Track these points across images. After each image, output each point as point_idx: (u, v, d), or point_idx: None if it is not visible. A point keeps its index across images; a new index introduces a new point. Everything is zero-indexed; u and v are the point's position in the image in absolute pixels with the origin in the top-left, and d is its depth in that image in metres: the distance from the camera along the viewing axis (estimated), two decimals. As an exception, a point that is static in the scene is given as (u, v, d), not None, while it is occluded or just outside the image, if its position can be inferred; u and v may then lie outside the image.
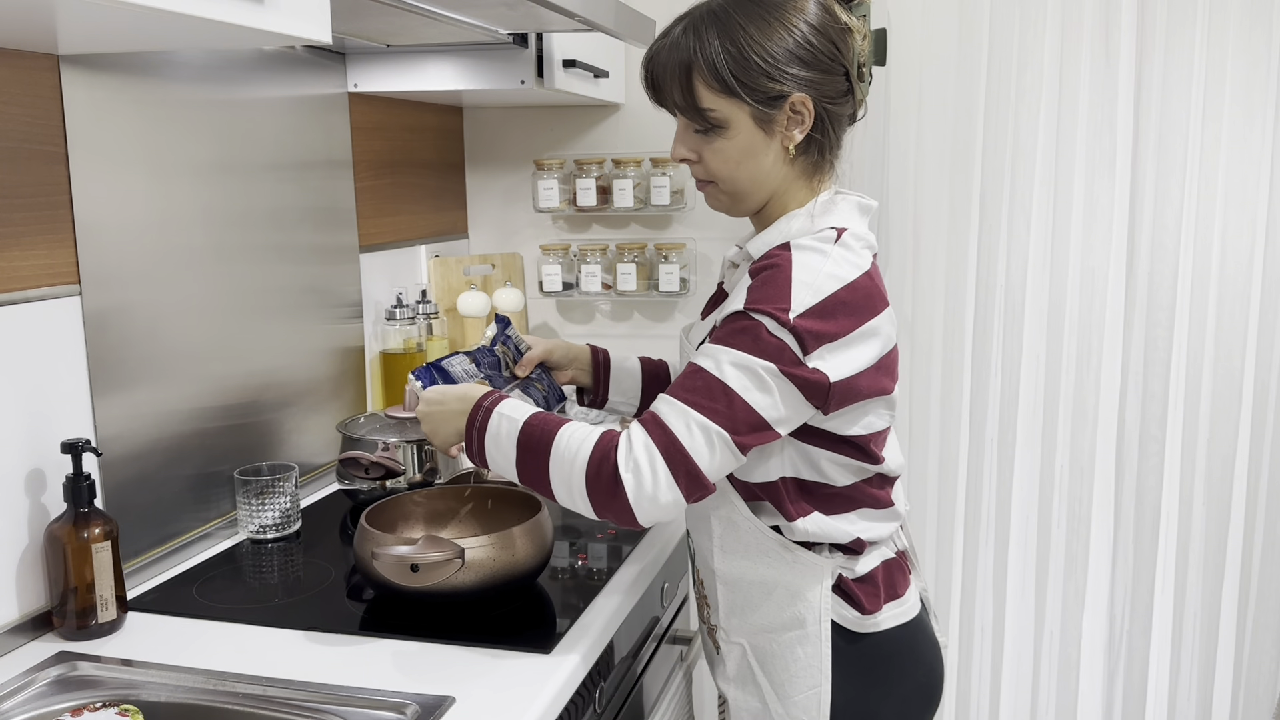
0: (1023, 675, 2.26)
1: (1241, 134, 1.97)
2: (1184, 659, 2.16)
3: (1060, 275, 2.09)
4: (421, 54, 1.89)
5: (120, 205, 1.40)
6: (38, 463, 1.28)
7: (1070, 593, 2.18)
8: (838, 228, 1.18)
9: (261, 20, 1.04)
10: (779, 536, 1.22)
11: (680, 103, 1.18)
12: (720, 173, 1.20)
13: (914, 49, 2.09)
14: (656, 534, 1.61)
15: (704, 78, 1.15)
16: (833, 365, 1.11)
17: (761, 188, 1.21)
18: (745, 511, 1.22)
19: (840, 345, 1.12)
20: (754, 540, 1.22)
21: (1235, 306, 2.02)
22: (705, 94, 1.15)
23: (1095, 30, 2.00)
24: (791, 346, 1.09)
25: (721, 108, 1.15)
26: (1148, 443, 2.10)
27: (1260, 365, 2.03)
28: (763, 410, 1.11)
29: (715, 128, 1.17)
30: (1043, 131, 2.06)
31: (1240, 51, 1.95)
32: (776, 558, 1.22)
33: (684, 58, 1.15)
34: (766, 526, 1.22)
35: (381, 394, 2.05)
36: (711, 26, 1.14)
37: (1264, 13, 1.92)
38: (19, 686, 1.14)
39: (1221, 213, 2.00)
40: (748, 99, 1.14)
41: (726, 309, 1.15)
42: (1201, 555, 2.12)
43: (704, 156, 1.20)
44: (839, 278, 1.13)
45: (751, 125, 1.16)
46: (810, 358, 1.10)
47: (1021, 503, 2.19)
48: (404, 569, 1.23)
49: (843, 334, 1.12)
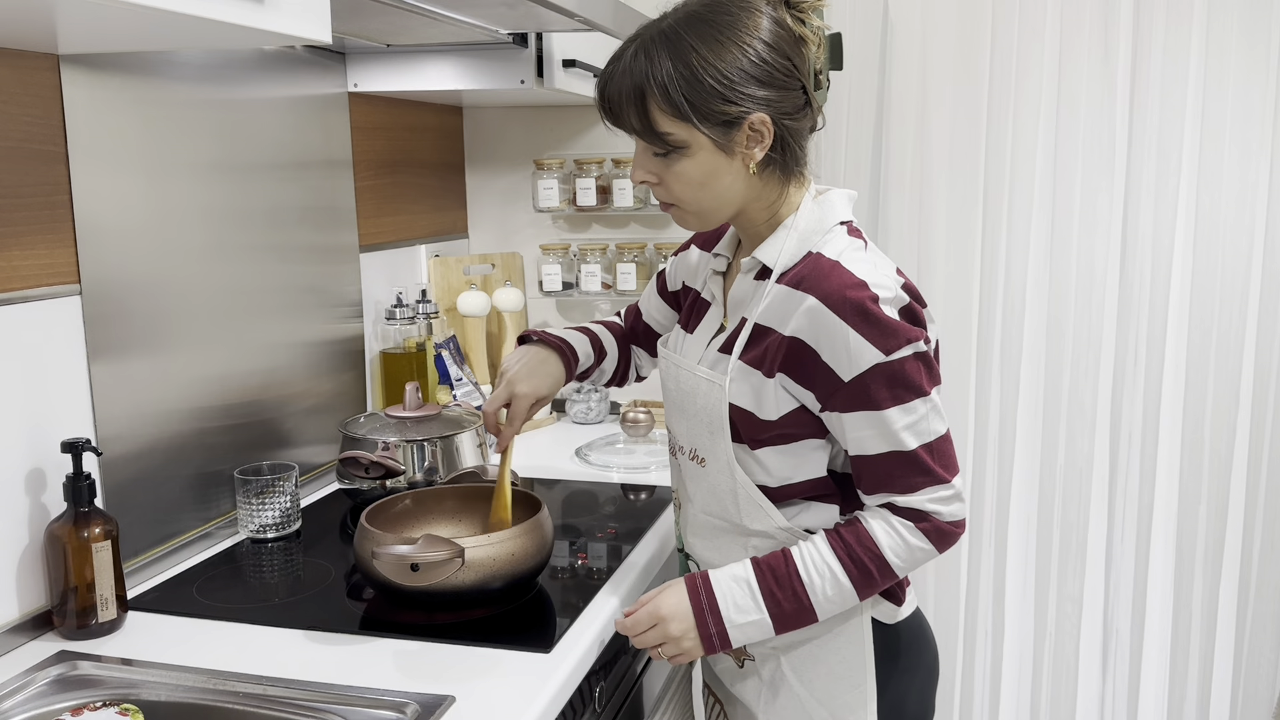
0: (1023, 675, 2.26)
1: (1240, 134, 1.97)
2: (1184, 659, 2.17)
3: (1060, 276, 2.09)
4: (421, 54, 1.89)
5: (120, 205, 1.40)
6: (38, 462, 1.28)
7: (1069, 593, 2.18)
8: (844, 220, 1.21)
9: (261, 20, 1.04)
10: None
11: (637, 127, 1.16)
12: (683, 195, 1.19)
13: (914, 50, 2.09)
14: (656, 534, 1.61)
15: (658, 103, 1.12)
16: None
17: (728, 204, 1.20)
18: (781, 521, 1.22)
19: None
20: None
21: (1234, 306, 2.02)
22: (661, 119, 1.13)
23: (1094, 30, 2.01)
24: (921, 346, 1.14)
25: (678, 131, 1.13)
26: (1147, 443, 2.10)
27: (1260, 365, 2.03)
28: (943, 426, 1.17)
29: (675, 149, 1.15)
30: (1042, 133, 2.06)
31: (1239, 51, 1.95)
32: None
33: (637, 82, 1.13)
34: (802, 530, 1.22)
35: (381, 394, 2.05)
36: (663, 48, 1.12)
37: (1263, 12, 1.92)
38: (19, 686, 1.14)
39: (1220, 213, 2.00)
40: (704, 122, 1.12)
41: (855, 367, 1.12)
42: (1201, 555, 2.12)
43: (665, 179, 1.18)
44: (886, 264, 1.18)
45: (711, 147, 1.14)
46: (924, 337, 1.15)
47: (1021, 503, 2.20)
48: (404, 568, 1.23)
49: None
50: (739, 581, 1.19)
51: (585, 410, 2.32)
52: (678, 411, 1.29)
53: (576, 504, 1.76)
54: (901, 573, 1.19)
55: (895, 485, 1.16)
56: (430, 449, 1.69)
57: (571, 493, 1.83)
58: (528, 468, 1.96)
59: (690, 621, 1.20)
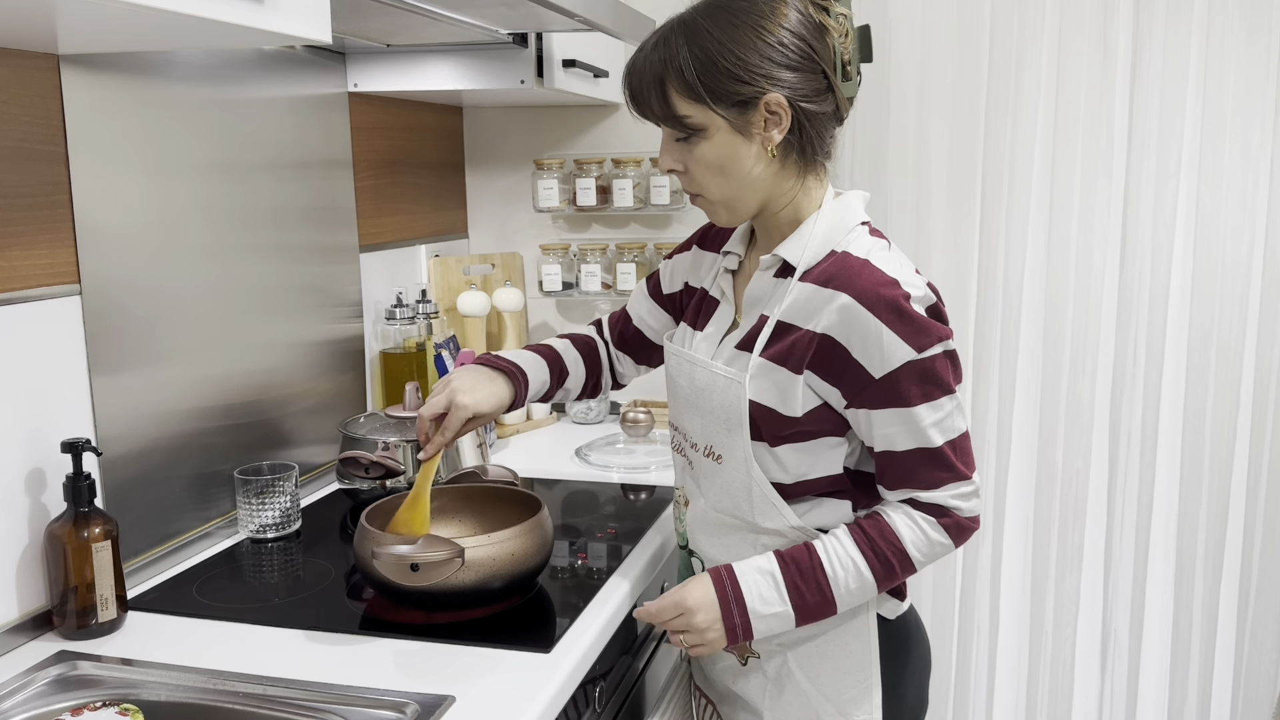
0: (1020, 675, 2.26)
1: (1240, 133, 1.97)
2: (1184, 660, 2.17)
3: (1059, 276, 2.09)
4: (421, 54, 1.89)
5: (120, 205, 1.40)
6: (38, 462, 1.28)
7: (1066, 592, 2.18)
8: (864, 221, 1.24)
9: (261, 20, 1.04)
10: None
11: (659, 112, 1.19)
12: (706, 182, 1.21)
13: (914, 48, 2.09)
14: (656, 534, 1.61)
15: (675, 86, 1.17)
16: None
17: (752, 190, 1.21)
18: (793, 519, 1.23)
19: None
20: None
21: (1234, 307, 2.02)
22: (679, 102, 1.17)
23: (1094, 30, 2.01)
24: (950, 344, 1.17)
25: (695, 114, 1.17)
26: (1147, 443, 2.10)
27: (1260, 366, 2.03)
28: (964, 424, 1.21)
29: (694, 133, 1.18)
30: (1041, 132, 2.07)
31: (1239, 50, 1.95)
32: None
33: (656, 70, 1.18)
34: (813, 529, 1.24)
35: (381, 394, 2.05)
36: (680, 36, 1.17)
37: (1263, 13, 1.92)
38: (19, 686, 1.14)
39: (1220, 213, 2.00)
40: (718, 103, 1.15)
41: (887, 364, 1.15)
42: (1201, 556, 2.12)
43: (689, 166, 1.21)
44: (909, 264, 1.21)
45: (728, 128, 1.17)
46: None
47: (1019, 503, 2.20)
48: (404, 568, 1.23)
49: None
50: (764, 574, 1.21)
51: (585, 410, 2.32)
52: (690, 408, 1.29)
53: (576, 504, 1.76)
54: (920, 566, 1.22)
55: (919, 481, 1.19)
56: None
57: (571, 493, 1.83)
58: (528, 468, 1.97)
59: (716, 613, 1.22)
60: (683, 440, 1.33)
